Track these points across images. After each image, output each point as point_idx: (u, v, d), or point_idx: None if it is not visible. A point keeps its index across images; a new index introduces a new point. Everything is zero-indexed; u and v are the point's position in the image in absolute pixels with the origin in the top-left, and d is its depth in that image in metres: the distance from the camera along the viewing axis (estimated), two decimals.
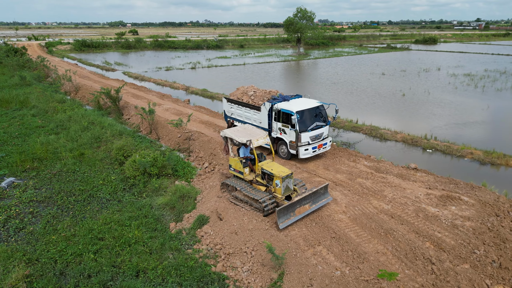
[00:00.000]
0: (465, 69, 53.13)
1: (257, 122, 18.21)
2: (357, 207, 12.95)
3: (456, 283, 9.30)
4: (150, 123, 23.31)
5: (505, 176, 17.22)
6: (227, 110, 20.21)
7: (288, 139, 16.81)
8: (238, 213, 12.84)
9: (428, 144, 20.93)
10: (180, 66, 59.94)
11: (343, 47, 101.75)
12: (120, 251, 11.63)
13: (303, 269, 10.04)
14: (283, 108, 16.71)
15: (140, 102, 29.76)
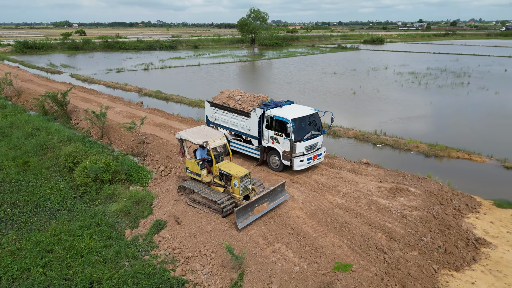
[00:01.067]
0: (409, 68, 56.24)
1: (246, 129, 16.82)
2: (313, 203, 13.28)
3: (406, 270, 9.84)
4: (101, 127, 22.39)
5: (447, 167, 18.44)
6: (210, 115, 18.58)
7: (282, 149, 15.44)
8: (196, 215, 12.69)
9: (378, 139, 21.92)
10: (132, 67, 58.12)
11: (296, 48, 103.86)
12: (72, 262, 11.07)
13: (263, 267, 10.13)
14: (277, 115, 15.28)
15: (90, 105, 28.46)
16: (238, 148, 17.57)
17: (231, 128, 17.54)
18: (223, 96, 18.37)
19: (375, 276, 9.62)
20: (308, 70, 54.73)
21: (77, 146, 18.61)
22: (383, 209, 12.75)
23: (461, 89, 38.95)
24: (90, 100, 31.24)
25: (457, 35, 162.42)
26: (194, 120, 25.73)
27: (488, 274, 9.96)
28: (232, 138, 17.69)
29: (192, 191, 13.64)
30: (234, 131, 17.43)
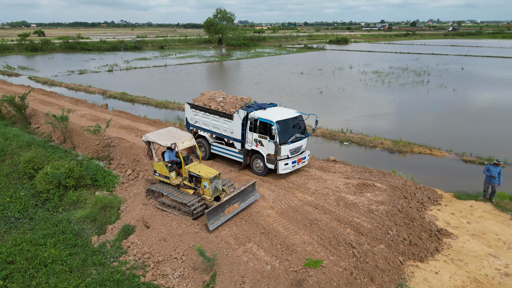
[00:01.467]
0: (373, 67, 57.98)
1: (228, 132, 16.29)
2: (284, 201, 13.41)
3: (374, 263, 10.14)
4: (63, 131, 21.53)
5: (410, 162, 19.18)
6: (190, 118, 17.89)
7: (266, 152, 14.99)
8: (166, 219, 12.48)
9: (344, 137, 22.46)
10: (95, 69, 56.31)
11: (264, 48, 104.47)
12: (35, 273, 10.58)
13: (235, 268, 10.11)
14: (261, 117, 14.82)
15: (51, 109, 27.29)
16: (220, 151, 17.08)
17: (213, 131, 17.03)
18: (204, 98, 17.77)
19: (345, 270, 9.85)
20: (275, 70, 55.19)
21: (38, 151, 17.82)
22: (351, 205, 13.08)
23: (422, 87, 40.62)
24: (51, 103, 29.98)
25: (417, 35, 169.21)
26: (161, 122, 25.30)
27: (450, 263, 10.44)
28: (214, 141, 17.21)
29: (161, 194, 13.40)
30: (216, 134, 16.93)
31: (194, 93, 37.19)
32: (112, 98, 35.62)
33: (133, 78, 47.68)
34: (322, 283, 9.36)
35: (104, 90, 37.98)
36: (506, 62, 64.38)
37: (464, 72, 52.70)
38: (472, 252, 10.87)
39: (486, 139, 22.44)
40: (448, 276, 9.88)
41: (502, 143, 21.64)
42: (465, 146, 20.44)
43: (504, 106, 31.74)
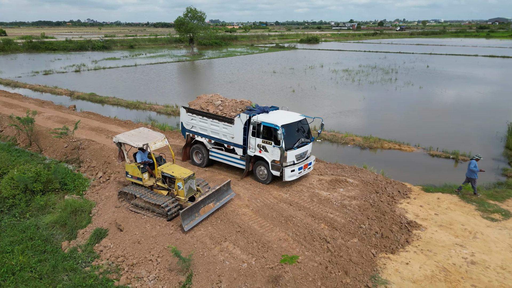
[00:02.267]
0: (343, 66, 59.13)
1: (228, 137, 15.33)
2: (259, 199, 13.48)
3: (348, 257, 10.38)
4: (28, 134, 20.70)
5: (381, 157, 19.73)
6: (185, 123, 16.75)
7: (270, 158, 14.14)
8: (139, 221, 12.26)
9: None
10: (61, 69, 54.38)
11: (236, 47, 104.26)
12: (2, 282, 10.14)
13: (211, 267, 10.08)
14: (265, 121, 14.00)
15: (15, 111, 26.17)
16: (220, 158, 16.07)
17: (211, 136, 15.96)
18: (201, 102, 16.73)
19: (320, 265, 10.02)
20: (248, 69, 55.24)
21: (2, 155, 17.05)
22: (325, 200, 13.32)
23: (390, 84, 41.82)
24: (14, 105, 28.73)
25: (384, 34, 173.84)
26: (132, 123, 24.79)
27: (420, 254, 10.83)
28: (212, 147, 16.19)
29: (134, 196, 13.14)
30: (215, 139, 15.88)
31: (165, 93, 36.75)
32: (81, 99, 34.56)
33: (102, 79, 46.41)
34: (298, 278, 9.50)
35: (71, 91, 36.76)
36: (468, 60, 67.35)
37: (429, 70, 54.66)
38: (440, 242, 11.33)
39: (451, 134, 23.41)
40: (418, 267, 10.26)
41: (465, 137, 22.66)
42: (432, 141, 21.23)
43: (466, 102, 33.22)
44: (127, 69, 55.52)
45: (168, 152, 17.39)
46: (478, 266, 10.25)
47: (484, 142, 22.04)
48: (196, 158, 16.85)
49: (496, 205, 13.68)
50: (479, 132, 23.88)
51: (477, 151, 19.24)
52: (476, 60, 66.89)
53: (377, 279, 9.73)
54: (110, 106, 31.98)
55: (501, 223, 12.41)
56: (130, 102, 32.23)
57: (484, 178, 15.85)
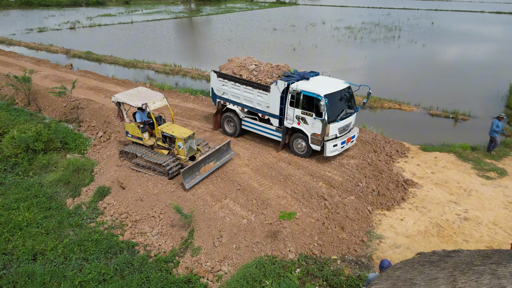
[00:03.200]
0: (345, 23, 57.38)
1: (263, 106, 14.09)
2: (259, 159, 13.65)
3: (345, 213, 10.70)
4: (27, 94, 20.53)
5: (380, 117, 19.72)
6: (216, 88, 15.45)
7: (310, 131, 12.96)
8: (141, 179, 12.50)
9: None
10: (56, 26, 52.79)
11: (235, 3, 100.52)
12: (10, 236, 10.54)
13: (212, 223, 10.42)
14: (306, 90, 12.66)
15: (12, 70, 25.72)
16: (253, 128, 14.91)
17: (244, 104, 14.73)
18: (233, 65, 15.32)
19: (317, 221, 10.36)
20: (247, 26, 53.69)
21: (1, 115, 17.03)
22: (323, 159, 13.49)
23: (393, 42, 40.81)
24: (10, 64, 28.22)
25: None
26: (131, 82, 24.50)
27: (414, 211, 11.15)
28: (245, 116, 15.00)
29: (135, 156, 13.30)
30: (248, 107, 14.67)
31: (163, 51, 35.97)
32: (77, 57, 33.88)
33: (98, 36, 45.22)
34: (295, 233, 9.85)
35: (67, 49, 35.96)
36: (474, 17, 65.28)
37: (434, 27, 53.10)
38: (435, 199, 11.62)
39: (452, 93, 23.20)
40: (412, 222, 10.60)
41: (466, 96, 22.50)
42: (432, 100, 21.10)
43: (468, 60, 32.62)
44: (123, 26, 53.92)
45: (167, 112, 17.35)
46: (471, 222, 10.59)
47: (485, 101, 21.91)
48: (228, 127, 15.68)
49: (493, 163, 13.87)
50: (480, 91, 23.67)
51: (477, 110, 19.23)
52: (482, 17, 64.81)
53: (372, 234, 10.09)
54: (107, 65, 31.43)
55: (496, 181, 12.65)
56: (128, 60, 31.64)
57: (482, 137, 15.93)
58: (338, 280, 8.45)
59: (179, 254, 9.90)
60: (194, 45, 39.76)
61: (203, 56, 34.42)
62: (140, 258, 9.71)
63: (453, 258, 5.26)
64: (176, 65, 29.88)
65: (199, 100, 20.40)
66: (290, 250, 9.42)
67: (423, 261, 5.62)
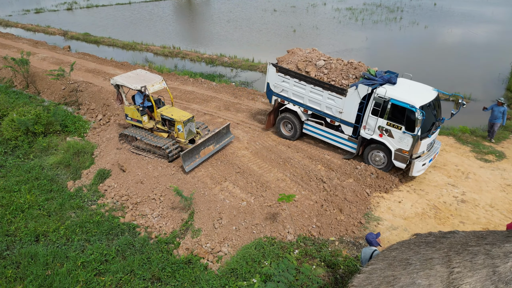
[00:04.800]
0: (347, 3, 56.39)
1: (334, 111, 12.30)
2: (258, 142, 13.69)
3: (343, 195, 10.80)
4: (25, 76, 20.40)
5: None
6: (273, 84, 13.59)
7: (396, 145, 11.26)
8: (141, 162, 12.57)
9: None
10: (52, 7, 51.89)
11: None
12: (12, 218, 10.66)
13: (212, 205, 10.54)
14: (397, 99, 10.85)
15: (9, 52, 25.50)
16: (318, 134, 13.28)
17: (309, 106, 12.97)
18: (296, 59, 13.37)
19: (316, 203, 10.47)
20: (247, 7, 52.84)
21: (0, 97, 16.97)
22: (323, 143, 13.52)
23: (394, 24, 40.26)
24: (8, 45, 27.94)
25: None
26: (130, 64, 24.30)
27: (412, 193, 11.26)
28: (308, 119, 13.42)
29: (134, 138, 13.32)
30: (313, 110, 12.94)
31: (162, 33, 35.48)
32: (75, 39, 33.49)
33: (95, 18, 44.55)
34: (294, 215, 9.98)
35: (65, 31, 35.53)
36: None
37: (437, 8, 52.24)
38: (433, 182, 11.71)
39: (453, 75, 23.04)
40: (410, 205, 10.72)
41: (467, 79, 22.35)
42: (433, 83, 20.67)
43: (470, 42, 32.25)
44: (121, 7, 53.02)
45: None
46: (468, 204, 10.71)
47: (486, 83, 21.78)
48: (285, 129, 14.01)
49: (491, 146, 13.91)
50: (482, 73, 23.50)
51: (478, 93, 19.17)
52: None
53: (370, 216, 10.22)
54: (105, 47, 31.10)
55: (494, 164, 12.72)
56: (126, 43, 31.29)
57: (481, 120, 15.92)
58: (335, 261, 8.61)
59: (179, 235, 10.05)
60: (193, 26, 39.25)
61: (202, 38, 34.03)
62: (141, 240, 9.86)
63: (448, 239, 5.36)
64: (175, 47, 29.58)
65: (198, 83, 20.29)
66: (289, 232, 9.56)
67: (419, 242, 5.72)
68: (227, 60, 25.90)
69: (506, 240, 4.58)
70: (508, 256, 4.26)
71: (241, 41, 32.27)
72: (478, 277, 4.26)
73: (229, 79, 22.46)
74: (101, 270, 8.97)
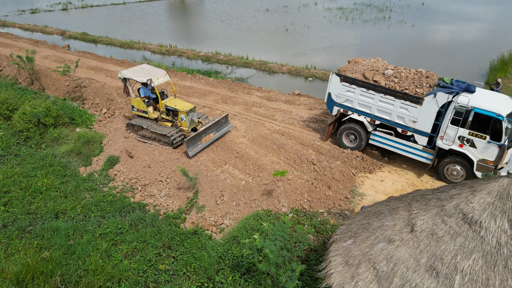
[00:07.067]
0: (337, 3, 57.84)
1: (407, 120, 12.01)
2: (254, 131, 14.90)
3: (331, 175, 12.06)
4: (30, 73, 21.37)
5: None
6: (336, 94, 13.31)
7: (479, 156, 10.97)
8: (148, 149, 13.70)
9: (309, 73, 23.76)
10: (47, 7, 52.54)
11: None
12: (32, 199, 11.73)
13: (214, 185, 11.73)
14: (481, 108, 10.58)
15: (12, 50, 26.37)
16: (387, 144, 12.81)
17: (377, 116, 12.67)
18: (361, 68, 13.21)
19: (307, 181, 11.72)
20: (240, 6, 54.02)
21: (10, 93, 17.95)
22: (313, 131, 14.79)
23: (383, 23, 41.77)
24: (9, 45, 28.79)
25: None
26: (129, 62, 25.35)
27: (393, 173, 12.55)
28: (376, 128, 13.05)
29: (141, 128, 14.44)
30: (382, 120, 12.63)
31: (158, 34, 36.50)
32: (73, 38, 34.38)
33: (91, 17, 45.38)
34: (288, 191, 11.22)
35: (62, 31, 36.39)
36: None
37: (424, 7, 53.95)
38: (413, 163, 12.99)
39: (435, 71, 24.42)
40: (391, 183, 12.01)
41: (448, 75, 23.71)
42: None
43: (455, 40, 33.83)
44: (115, 7, 53.84)
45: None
46: (443, 182, 12.00)
47: (467, 77, 23.09)
48: (347, 140, 13.58)
49: None
50: (463, 68, 24.92)
51: None
52: None
53: (355, 192, 11.49)
54: (103, 46, 32.07)
55: None
56: (124, 41, 32.29)
57: None
58: (324, 228, 9.86)
59: (185, 211, 11.21)
60: (188, 25, 40.32)
61: (197, 37, 35.11)
62: (151, 215, 11.01)
63: (412, 194, 6.63)
64: (171, 46, 30.65)
65: (196, 78, 21.44)
66: (283, 205, 10.79)
67: (390, 199, 6.98)
68: (223, 57, 27.06)
69: (453, 187, 5.85)
70: (452, 198, 5.52)
71: (235, 39, 33.44)
72: (430, 215, 5.51)
73: (225, 75, 23.64)
74: (117, 241, 10.10)
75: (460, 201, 5.36)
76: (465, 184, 5.70)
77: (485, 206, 5.06)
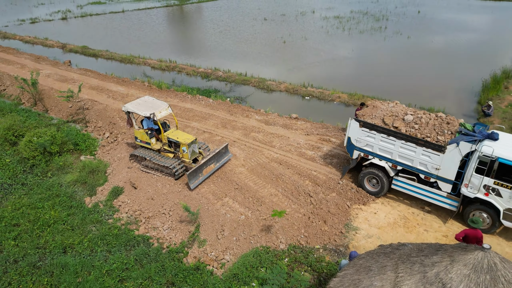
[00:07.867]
0: (335, 11, 58.54)
1: (429, 167, 11.91)
2: (253, 159, 15.45)
3: (327, 208, 12.63)
4: (34, 95, 21.86)
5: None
6: (356, 139, 13.21)
7: (505, 205, 10.88)
8: (151, 180, 14.24)
9: (306, 91, 24.34)
10: (47, 16, 53.06)
11: None
12: (40, 233, 12.26)
13: (215, 219, 12.28)
14: (505, 158, 10.42)
15: (13, 68, 26.91)
16: (410, 190, 12.71)
17: (399, 162, 12.55)
18: (381, 114, 13.20)
19: (304, 216, 12.29)
20: (238, 16, 54.56)
21: (15, 118, 18.45)
22: (310, 159, 15.36)
23: (379, 34, 42.36)
24: (11, 61, 29.26)
25: None
26: (130, 80, 25.88)
27: (387, 205, 13.11)
28: (398, 174, 12.95)
29: (144, 159, 14.97)
30: (404, 166, 12.52)
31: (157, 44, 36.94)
32: (73, 52, 34.86)
33: (91, 28, 45.85)
34: (285, 227, 11.79)
35: (63, 44, 36.85)
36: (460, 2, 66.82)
37: (420, 15, 54.61)
38: (405, 195, 13.57)
39: (430, 88, 24.93)
40: (384, 215, 12.58)
41: (443, 92, 24.26)
42: (411, 96, 22.78)
43: (449, 52, 34.42)
44: (114, 15, 54.33)
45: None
46: (432, 214, 12.60)
47: (460, 96, 23.73)
48: (369, 185, 13.46)
49: None
50: (457, 86, 25.30)
51: (452, 106, 21.12)
52: (467, 4, 66.41)
53: (350, 226, 12.06)
54: (104, 61, 32.56)
55: None
56: (124, 56, 32.77)
57: None
58: (320, 266, 10.43)
59: (187, 245, 11.76)
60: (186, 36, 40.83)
61: (196, 49, 35.59)
62: (155, 250, 11.55)
63: (399, 251, 7.20)
64: (171, 61, 31.15)
65: (196, 100, 21.98)
66: (281, 241, 11.35)
67: (380, 252, 7.55)
68: (222, 74, 27.60)
69: (435, 253, 6.41)
70: (434, 265, 6.09)
71: (234, 52, 33.94)
72: (413, 280, 6.09)
73: (224, 94, 24.19)
74: (123, 277, 10.64)
75: (440, 269, 5.94)
76: (446, 251, 6.27)
77: (462, 278, 5.64)
